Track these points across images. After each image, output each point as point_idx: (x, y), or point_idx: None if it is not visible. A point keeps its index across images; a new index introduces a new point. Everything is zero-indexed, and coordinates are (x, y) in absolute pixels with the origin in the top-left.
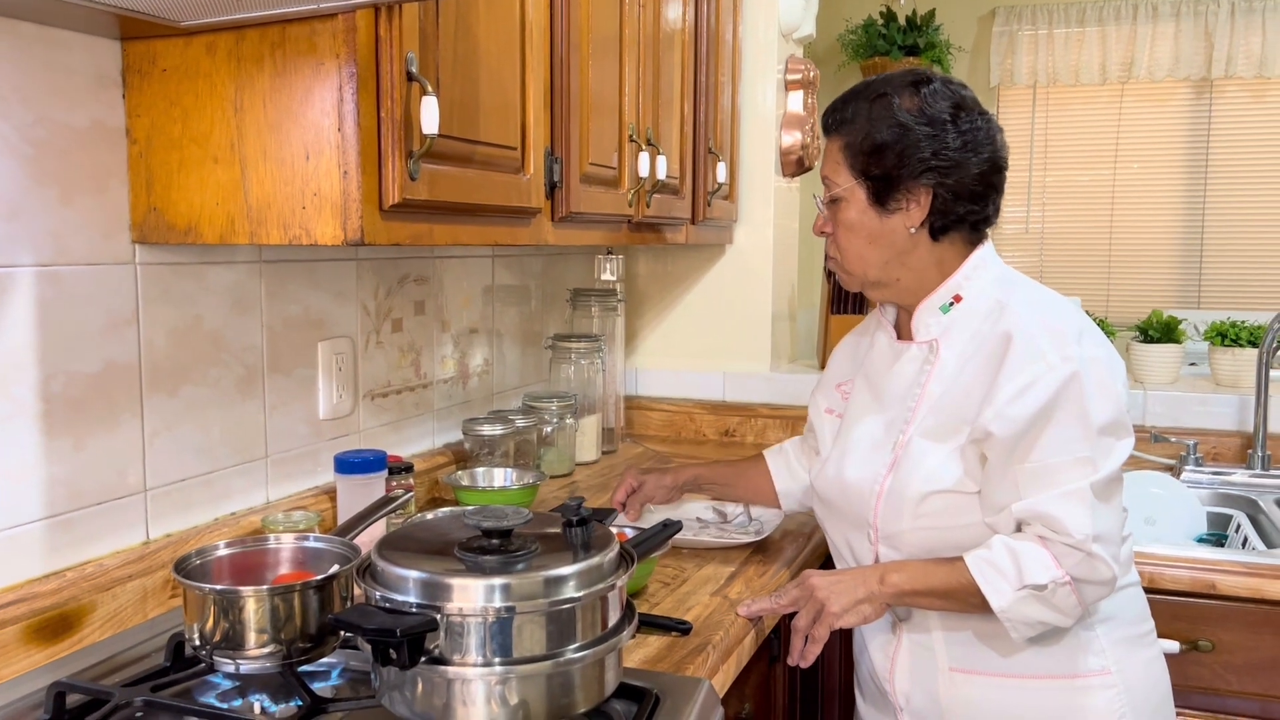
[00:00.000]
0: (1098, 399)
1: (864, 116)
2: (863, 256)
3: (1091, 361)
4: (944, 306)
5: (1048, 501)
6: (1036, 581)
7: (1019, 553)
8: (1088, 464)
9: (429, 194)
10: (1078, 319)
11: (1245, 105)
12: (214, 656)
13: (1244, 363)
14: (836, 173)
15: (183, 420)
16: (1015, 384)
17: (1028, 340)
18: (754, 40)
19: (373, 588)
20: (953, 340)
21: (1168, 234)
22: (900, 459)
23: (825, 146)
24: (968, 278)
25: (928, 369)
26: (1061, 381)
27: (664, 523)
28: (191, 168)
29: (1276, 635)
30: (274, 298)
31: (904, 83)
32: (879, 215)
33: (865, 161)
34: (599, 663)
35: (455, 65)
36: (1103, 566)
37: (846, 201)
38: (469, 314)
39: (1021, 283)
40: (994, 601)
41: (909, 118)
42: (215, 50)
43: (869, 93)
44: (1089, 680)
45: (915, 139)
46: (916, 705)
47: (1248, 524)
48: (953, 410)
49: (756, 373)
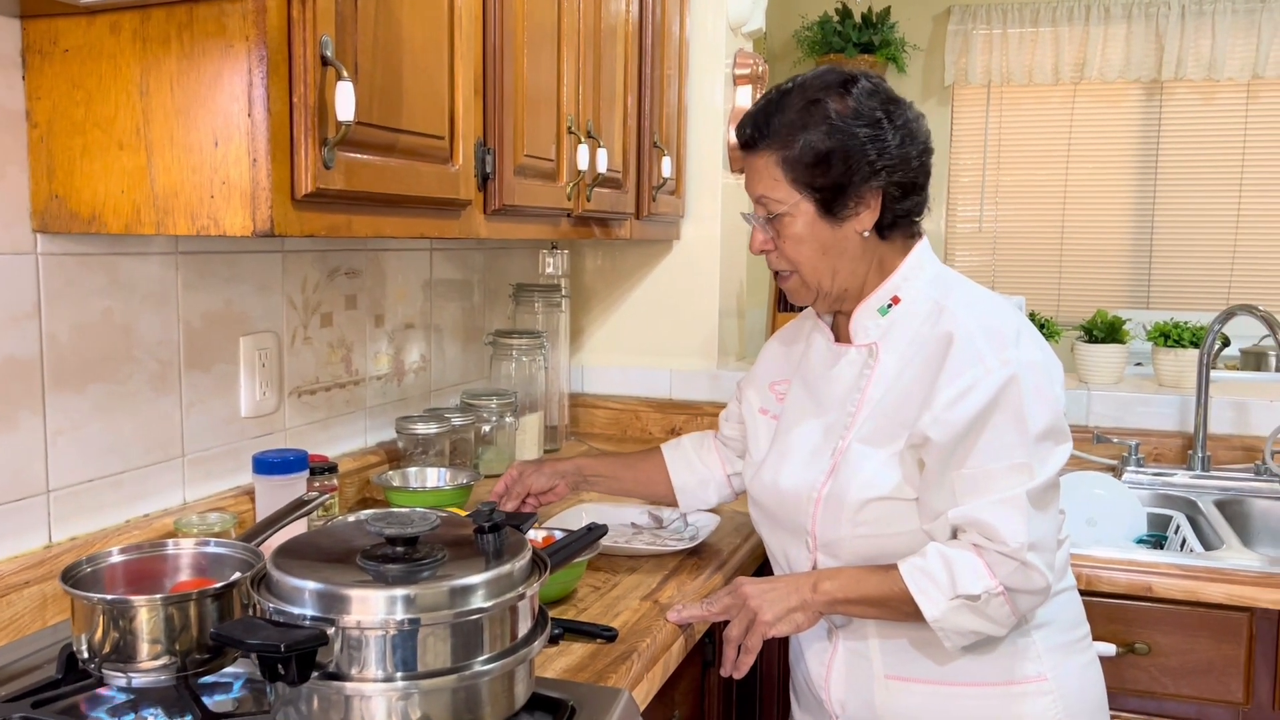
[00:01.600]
0: (1035, 404)
1: (796, 126)
2: (816, 267)
3: (1029, 365)
4: (882, 309)
5: (983, 509)
6: (970, 592)
7: (953, 561)
8: (1024, 470)
9: (346, 183)
10: (1015, 320)
11: (1194, 107)
12: (104, 669)
13: (1186, 363)
14: (775, 189)
15: (91, 418)
16: (954, 388)
17: (966, 343)
18: (702, 34)
19: (266, 599)
20: (892, 343)
21: (1118, 234)
22: (839, 465)
23: (751, 163)
24: (905, 279)
25: (867, 373)
26: (999, 386)
27: (589, 526)
28: (95, 153)
29: (1211, 638)
30: (192, 290)
31: (830, 85)
32: (830, 225)
33: (809, 173)
34: (508, 675)
35: (376, 51)
36: (1037, 576)
37: (791, 216)
38: (405, 308)
39: (959, 283)
40: (927, 611)
41: (847, 121)
42: (120, 30)
43: (794, 100)
44: (1025, 687)
45: (859, 142)
46: (852, 713)
47: (1187, 525)
48: (892, 415)
49: (703, 370)
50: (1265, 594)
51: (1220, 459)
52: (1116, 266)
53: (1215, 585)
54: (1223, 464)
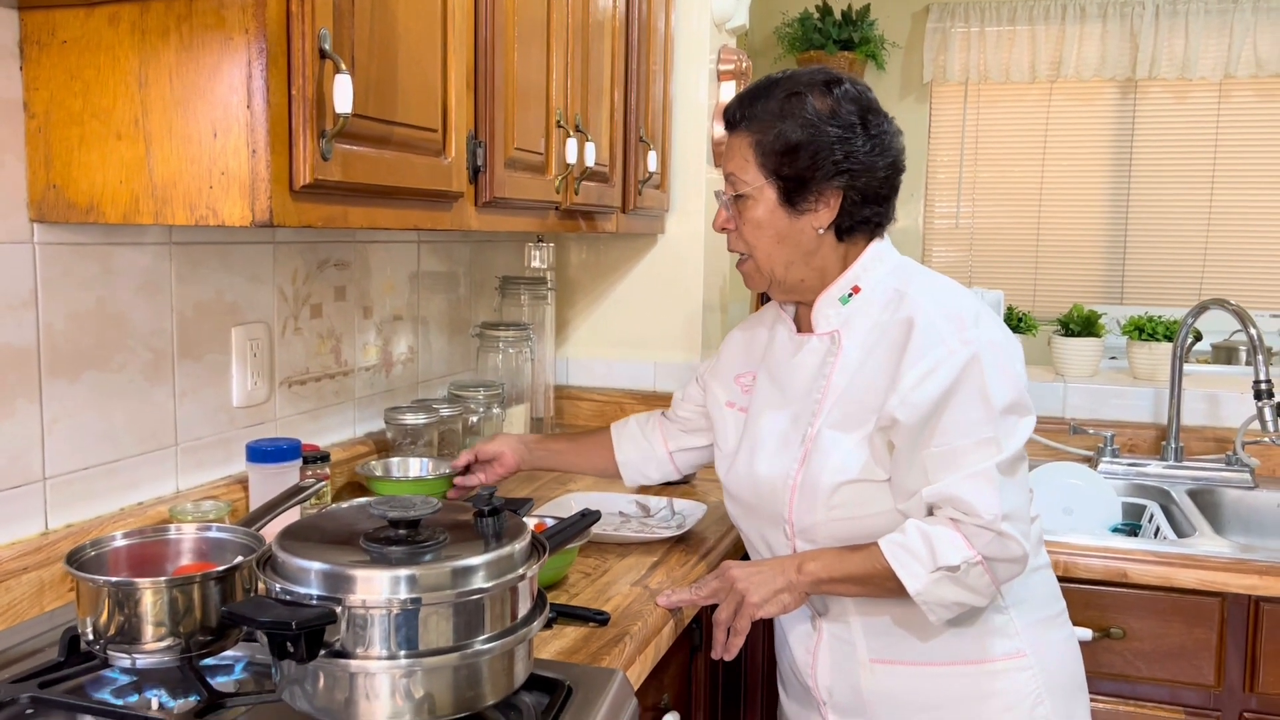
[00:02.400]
0: (998, 380)
1: (775, 114)
2: (770, 255)
3: (989, 344)
4: (843, 298)
5: (955, 484)
6: (949, 563)
7: (931, 536)
8: (992, 444)
9: (343, 175)
10: (973, 303)
11: (1168, 106)
12: (109, 651)
13: (1160, 357)
14: (744, 170)
15: (86, 407)
16: (918, 370)
17: (928, 326)
18: (687, 30)
19: (273, 580)
20: (854, 331)
21: (1093, 230)
22: (810, 452)
23: (730, 141)
24: (865, 269)
25: (831, 360)
26: (962, 365)
27: (582, 512)
28: (93, 144)
29: (1184, 623)
30: (184, 281)
31: (815, 82)
32: (788, 215)
33: (777, 161)
34: (508, 654)
35: (372, 44)
36: (1013, 544)
37: (754, 200)
38: (393, 300)
39: (917, 271)
40: (909, 585)
41: (822, 119)
42: (118, 22)
43: (779, 90)
44: (1005, 663)
45: (829, 141)
46: (840, 699)
47: (1160, 514)
48: (858, 400)
49: (688, 362)
50: (1236, 579)
51: (1193, 450)
52: (1092, 262)
53: (1188, 571)
54: (1195, 455)
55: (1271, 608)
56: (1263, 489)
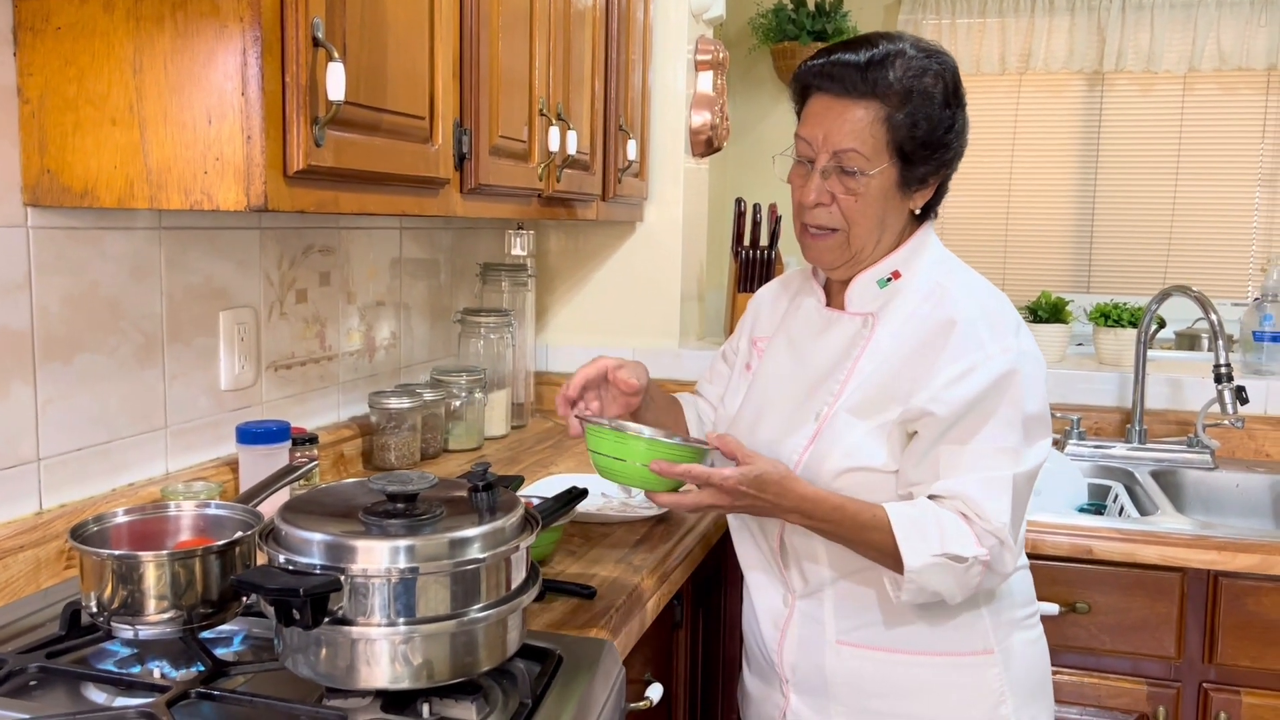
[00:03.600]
0: (1030, 394)
1: (904, 91)
2: (869, 234)
3: (1027, 356)
4: (881, 281)
5: (971, 484)
6: (958, 553)
7: (944, 520)
8: (1013, 455)
9: (335, 161)
10: (1014, 312)
11: (1134, 98)
12: (112, 623)
13: (1125, 343)
14: (866, 144)
15: (78, 389)
16: (954, 369)
17: (969, 326)
18: (665, 20)
19: (276, 551)
20: (889, 318)
21: (1061, 220)
22: (823, 431)
23: (841, 108)
24: (910, 255)
25: (861, 343)
26: (1000, 373)
27: (570, 489)
28: (88, 129)
29: (1147, 597)
30: (174, 265)
31: (931, 58)
32: (900, 195)
33: (912, 143)
34: (502, 623)
35: (363, 33)
36: (1010, 559)
37: (869, 178)
38: (376, 286)
39: (961, 268)
40: (908, 559)
41: (949, 101)
42: (113, 8)
43: (899, 62)
44: (972, 659)
45: (951, 125)
46: (803, 677)
47: (1124, 494)
48: (881, 388)
49: (666, 349)
50: (1196, 555)
51: (1156, 432)
52: (1060, 250)
53: (1150, 547)
54: (1158, 437)
55: (1229, 582)
56: (1222, 469)
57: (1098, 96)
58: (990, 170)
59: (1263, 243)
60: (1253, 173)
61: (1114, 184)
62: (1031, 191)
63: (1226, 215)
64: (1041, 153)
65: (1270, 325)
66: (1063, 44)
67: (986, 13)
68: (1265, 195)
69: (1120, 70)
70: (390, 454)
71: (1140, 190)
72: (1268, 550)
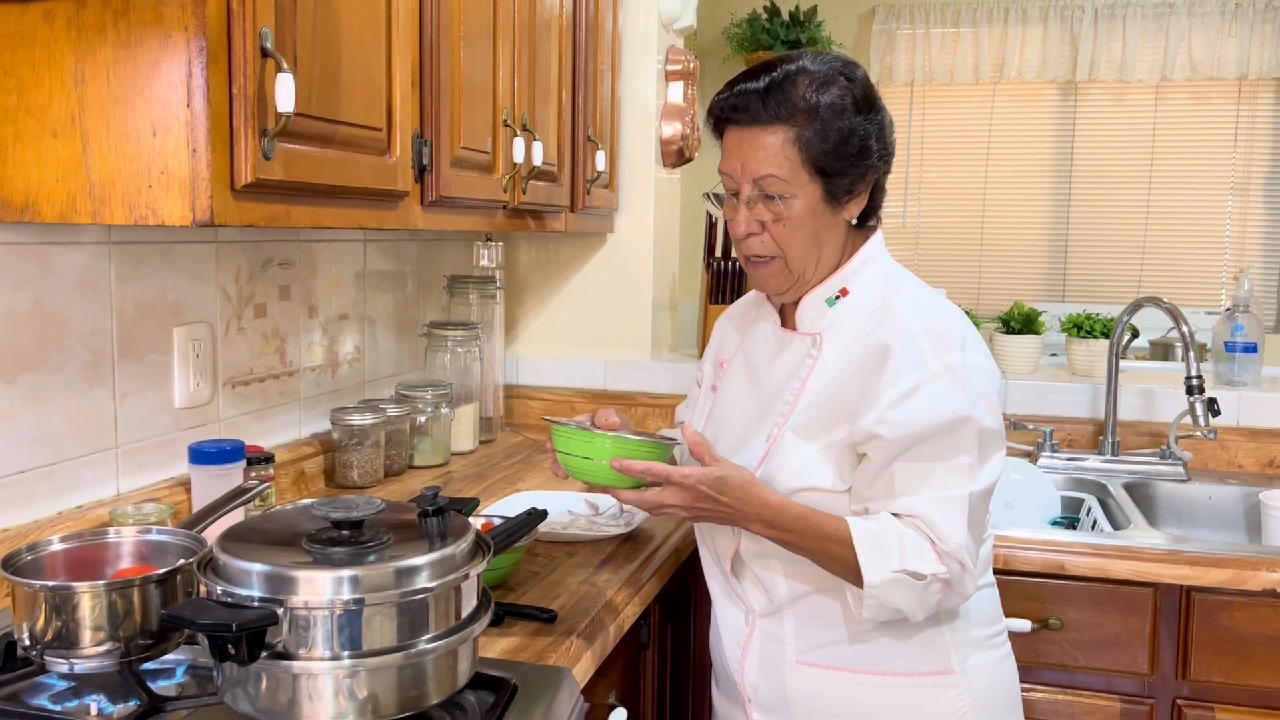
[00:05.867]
0: (980, 409)
1: (810, 107)
2: (806, 254)
3: (974, 371)
4: (830, 299)
5: (925, 504)
6: (918, 569)
7: (905, 537)
8: (968, 472)
9: (285, 174)
10: (961, 325)
11: (1107, 107)
12: (46, 656)
13: (1098, 353)
14: (783, 167)
15: (22, 409)
16: (898, 389)
17: (911, 344)
18: (634, 30)
19: (214, 582)
20: (836, 336)
21: (1035, 230)
22: (771, 452)
23: (752, 139)
24: (856, 271)
25: (808, 363)
26: (947, 390)
27: (529, 511)
28: (28, 142)
29: (1119, 613)
30: (125, 280)
31: (836, 70)
32: (829, 211)
33: (826, 157)
34: (452, 654)
35: (315, 43)
36: (969, 580)
37: (794, 199)
38: (339, 300)
39: (907, 282)
40: (868, 574)
41: (860, 108)
42: (53, 18)
43: (804, 80)
44: (933, 679)
45: (869, 130)
46: (764, 697)
47: (1098, 507)
48: (828, 408)
49: (637, 361)
50: (1168, 570)
51: (1129, 444)
52: (1034, 260)
53: (1123, 562)
54: (1131, 449)
55: (1202, 597)
56: (1195, 482)
57: (1071, 106)
58: (965, 180)
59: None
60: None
61: (1088, 193)
62: (1006, 202)
63: (1200, 224)
64: (1016, 163)
65: (1241, 335)
66: (1036, 53)
67: (960, 22)
68: (1238, 203)
69: (1093, 80)
70: (353, 471)
71: (1114, 199)
72: (1240, 565)
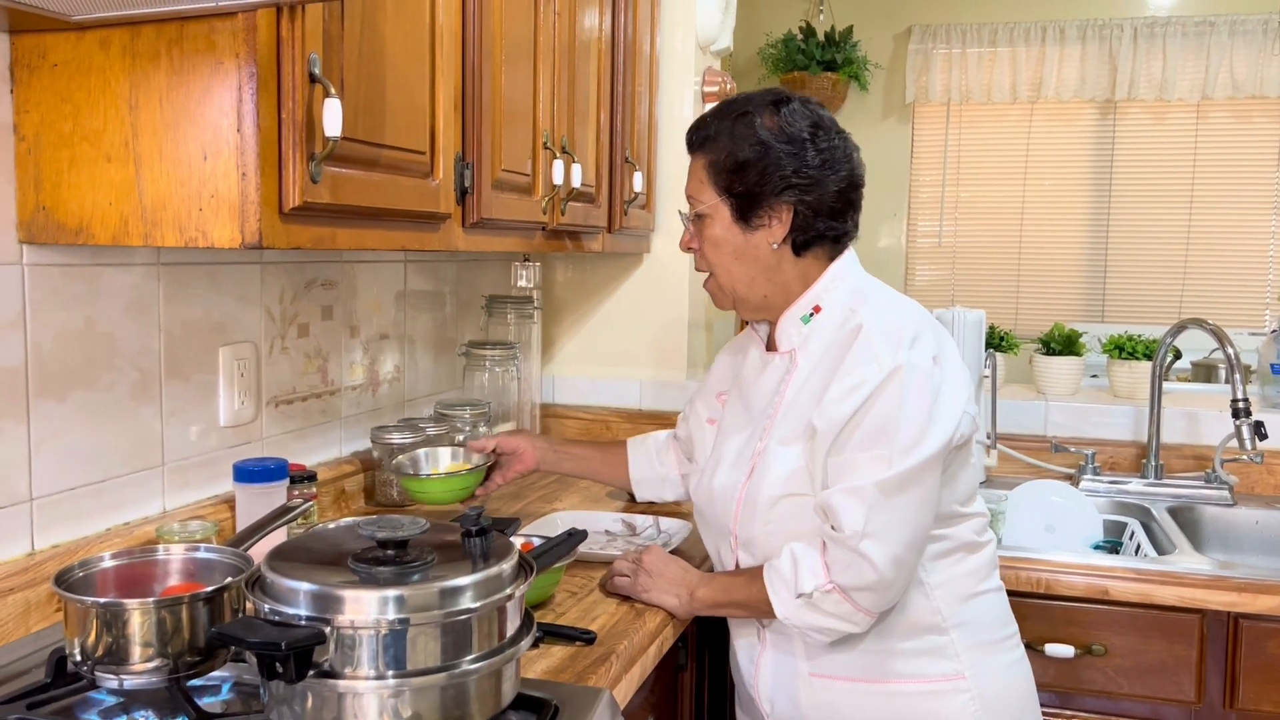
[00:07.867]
0: (911, 400)
1: (726, 134)
2: (730, 272)
3: (913, 367)
4: (804, 317)
5: (833, 495)
6: (804, 589)
7: (799, 560)
8: (883, 461)
9: (331, 197)
10: (916, 324)
11: (1146, 126)
12: (96, 672)
13: (1140, 375)
14: (700, 190)
15: (73, 427)
16: (844, 384)
17: (864, 342)
18: (671, 52)
19: (261, 600)
20: (809, 350)
21: (1074, 249)
22: (757, 466)
23: (689, 165)
24: (827, 289)
25: (786, 378)
26: (880, 380)
27: (569, 532)
28: (83, 166)
29: (1165, 639)
30: (172, 301)
31: (765, 102)
32: (743, 232)
33: (729, 179)
34: (495, 674)
35: (361, 68)
36: (867, 568)
37: (711, 218)
38: (380, 320)
39: (875, 291)
40: (777, 609)
41: (770, 136)
42: (109, 46)
43: (730, 111)
44: (942, 685)
45: (776, 157)
46: (780, 710)
47: (1141, 531)
48: (800, 414)
49: (673, 381)
50: (1215, 596)
51: (1172, 467)
52: (1073, 281)
53: (1168, 588)
54: (1175, 472)
55: (1250, 624)
56: (1241, 506)
57: (1110, 125)
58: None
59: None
60: (1268, 201)
61: (1127, 213)
62: (1044, 222)
63: (1242, 244)
64: (1054, 182)
65: None
66: (1074, 73)
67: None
68: None
69: (1133, 99)
70: (393, 489)
71: (1154, 219)
72: None
